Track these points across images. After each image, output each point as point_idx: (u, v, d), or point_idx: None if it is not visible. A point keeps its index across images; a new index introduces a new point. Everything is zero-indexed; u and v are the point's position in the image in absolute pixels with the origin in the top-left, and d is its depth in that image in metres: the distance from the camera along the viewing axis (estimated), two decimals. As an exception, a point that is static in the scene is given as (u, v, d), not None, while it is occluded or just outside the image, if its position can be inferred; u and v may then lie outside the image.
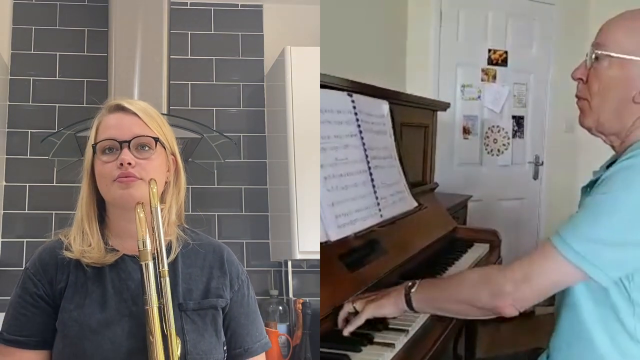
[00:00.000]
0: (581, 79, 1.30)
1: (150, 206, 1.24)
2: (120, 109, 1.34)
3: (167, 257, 1.28)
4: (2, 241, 2.70)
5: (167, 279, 1.20)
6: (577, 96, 1.33)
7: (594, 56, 1.27)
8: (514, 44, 3.90)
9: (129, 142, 1.29)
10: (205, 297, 1.31)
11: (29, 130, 2.83)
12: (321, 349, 1.29)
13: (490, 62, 3.84)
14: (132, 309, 1.26)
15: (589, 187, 1.30)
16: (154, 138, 1.31)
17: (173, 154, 1.37)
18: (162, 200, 1.34)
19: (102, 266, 1.29)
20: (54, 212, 2.78)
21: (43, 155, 2.74)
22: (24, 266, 1.36)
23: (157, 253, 1.21)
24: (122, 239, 1.33)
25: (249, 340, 1.38)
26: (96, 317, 1.24)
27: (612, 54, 1.25)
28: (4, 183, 2.78)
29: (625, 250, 1.13)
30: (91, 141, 1.33)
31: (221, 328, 1.33)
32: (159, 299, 1.19)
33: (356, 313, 1.36)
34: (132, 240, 1.30)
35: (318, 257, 1.44)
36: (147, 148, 1.31)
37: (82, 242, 1.30)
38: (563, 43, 3.73)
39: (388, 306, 1.34)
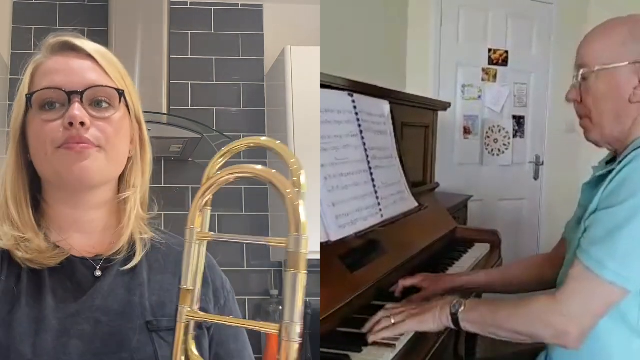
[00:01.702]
0: (576, 100, 1.33)
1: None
2: (69, 48, 0.97)
3: (130, 262, 0.98)
4: (2, 241, 2.69)
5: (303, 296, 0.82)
6: (578, 116, 1.35)
7: (580, 77, 1.30)
8: (514, 44, 3.89)
9: (82, 93, 0.92)
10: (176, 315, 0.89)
11: (29, 130, 2.82)
12: (321, 349, 1.28)
13: (491, 62, 3.84)
14: (81, 328, 0.91)
15: (590, 184, 1.32)
16: (117, 90, 0.96)
17: (138, 121, 1.02)
18: (126, 182, 1.02)
19: (41, 269, 0.93)
20: (54, 212, 2.78)
21: (43, 155, 2.74)
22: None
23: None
24: (67, 234, 0.98)
25: None
26: (30, 341, 0.87)
27: (596, 69, 1.27)
28: (4, 183, 2.78)
29: None
30: (24, 91, 0.97)
31: (207, 352, 1.00)
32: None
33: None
34: (80, 236, 0.98)
35: (318, 257, 1.44)
36: (105, 105, 0.95)
37: (12, 229, 0.94)
38: (563, 43, 3.73)
39: (431, 322, 1.32)
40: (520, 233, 3.95)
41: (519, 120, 3.98)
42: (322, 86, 1.59)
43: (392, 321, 1.32)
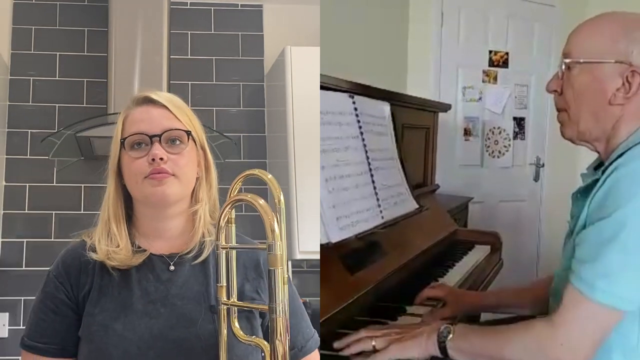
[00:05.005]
0: (556, 91, 1.29)
1: (275, 200, 1.14)
2: (148, 101, 1.27)
3: (199, 258, 1.26)
4: (2, 241, 2.69)
5: (287, 286, 1.06)
6: (557, 108, 1.31)
7: (564, 66, 1.26)
8: (515, 46, 3.89)
9: (160, 136, 1.23)
10: (238, 299, 1.18)
11: (29, 130, 2.83)
12: (321, 352, 1.28)
13: (491, 63, 3.84)
14: (161, 311, 1.20)
15: (579, 194, 1.27)
16: (185, 131, 1.25)
17: (202, 148, 1.30)
18: (195, 197, 1.29)
19: (129, 268, 1.24)
20: (53, 212, 2.78)
21: (43, 155, 2.74)
22: (24, 266, 1.34)
23: (284, 256, 1.08)
24: (151, 239, 1.28)
25: (301, 338, 1.30)
26: (122, 320, 1.19)
27: (581, 60, 1.24)
28: (4, 183, 2.78)
29: None
30: (118, 136, 1.26)
31: (258, 332, 1.25)
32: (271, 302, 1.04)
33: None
34: (161, 241, 1.28)
35: (318, 257, 1.43)
36: (178, 142, 1.24)
37: (108, 242, 1.24)
38: (563, 44, 3.72)
39: (416, 349, 1.23)
40: (521, 235, 3.94)
41: (519, 122, 3.97)
42: (323, 88, 1.59)
43: (373, 343, 1.25)
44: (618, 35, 1.21)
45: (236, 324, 1.13)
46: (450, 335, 1.21)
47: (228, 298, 1.14)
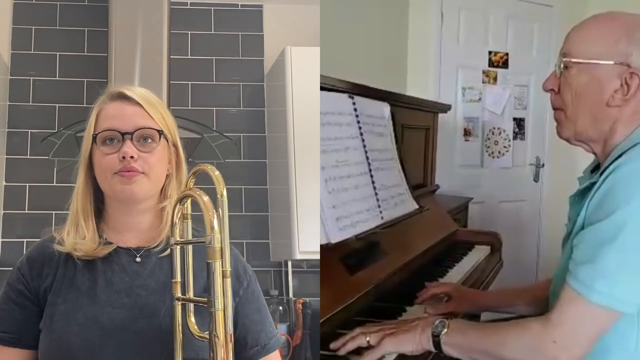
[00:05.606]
0: (553, 90, 1.28)
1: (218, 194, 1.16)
2: (122, 97, 1.28)
3: (166, 251, 1.26)
4: (2, 241, 2.69)
5: (229, 279, 1.08)
6: (553, 107, 1.30)
7: (562, 65, 1.25)
8: (515, 46, 3.89)
9: (132, 133, 1.23)
10: (204, 292, 1.17)
11: (29, 130, 2.83)
12: (321, 352, 1.28)
13: (491, 64, 3.84)
14: (124, 301, 1.21)
15: (576, 197, 1.27)
16: (158, 131, 1.26)
17: (175, 145, 1.31)
18: (164, 194, 1.30)
19: (94, 259, 1.25)
20: (54, 212, 2.78)
21: (43, 155, 2.74)
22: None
23: (222, 250, 1.08)
24: (120, 233, 1.29)
25: (264, 336, 1.31)
26: (84, 310, 1.20)
27: (580, 60, 1.22)
28: (4, 183, 2.78)
29: None
30: (90, 131, 1.27)
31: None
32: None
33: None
34: (130, 234, 1.29)
35: (318, 257, 1.43)
36: (150, 141, 1.25)
37: (75, 235, 1.25)
38: (563, 44, 3.72)
39: (410, 343, 1.23)
40: (521, 235, 3.95)
41: (519, 122, 3.97)
42: (323, 88, 1.59)
43: (367, 339, 1.24)
44: (618, 36, 1.20)
45: (192, 318, 1.16)
46: (445, 330, 1.21)
47: (183, 294, 1.17)
